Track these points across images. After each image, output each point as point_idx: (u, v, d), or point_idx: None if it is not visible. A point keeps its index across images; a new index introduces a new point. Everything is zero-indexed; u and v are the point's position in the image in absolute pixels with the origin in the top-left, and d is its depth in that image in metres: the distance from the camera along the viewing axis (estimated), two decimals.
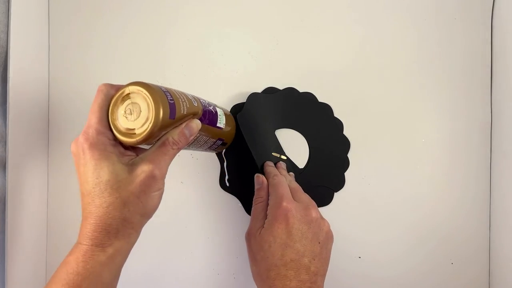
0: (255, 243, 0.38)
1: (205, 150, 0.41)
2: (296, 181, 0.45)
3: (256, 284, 0.38)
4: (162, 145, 0.32)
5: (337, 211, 0.47)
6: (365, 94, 0.48)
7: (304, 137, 0.48)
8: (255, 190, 0.42)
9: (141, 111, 0.30)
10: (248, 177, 0.45)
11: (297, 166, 0.47)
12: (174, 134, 0.32)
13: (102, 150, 0.30)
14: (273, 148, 0.46)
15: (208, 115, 0.37)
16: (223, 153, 0.47)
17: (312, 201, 0.40)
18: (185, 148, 0.37)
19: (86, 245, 0.30)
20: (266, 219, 0.38)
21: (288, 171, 0.46)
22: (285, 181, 0.41)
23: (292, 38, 0.48)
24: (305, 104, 0.47)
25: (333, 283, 0.46)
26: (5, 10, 0.41)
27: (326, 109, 0.48)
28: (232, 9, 0.49)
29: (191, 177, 0.48)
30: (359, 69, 0.48)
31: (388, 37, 0.48)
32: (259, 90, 0.48)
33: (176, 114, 0.31)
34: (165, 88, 0.31)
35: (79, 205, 0.47)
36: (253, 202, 0.41)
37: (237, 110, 0.46)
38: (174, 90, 0.33)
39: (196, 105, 0.34)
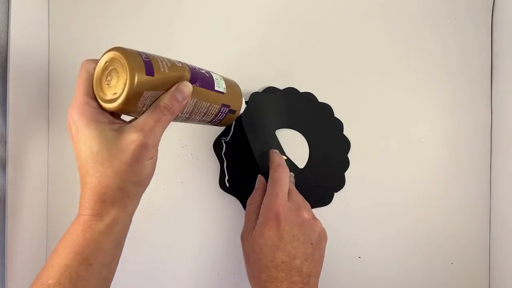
0: (247, 245, 0.38)
1: (215, 121, 0.39)
2: (296, 181, 0.45)
3: (251, 285, 0.38)
4: (153, 111, 0.31)
5: (337, 211, 0.47)
6: (365, 94, 0.48)
7: (304, 137, 0.48)
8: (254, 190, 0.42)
9: (118, 74, 0.29)
10: (248, 177, 0.45)
11: (297, 166, 0.47)
12: (165, 99, 0.31)
13: (90, 119, 0.30)
14: (274, 148, 0.46)
15: (200, 78, 0.35)
16: (223, 153, 0.47)
17: (306, 202, 0.40)
18: (192, 121, 0.36)
19: (85, 215, 0.30)
20: (257, 220, 0.38)
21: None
22: (286, 176, 0.40)
23: (292, 37, 0.48)
24: (305, 104, 0.47)
25: (333, 283, 0.46)
26: (5, 10, 0.41)
27: (326, 109, 0.48)
28: (231, 8, 0.49)
29: (191, 177, 0.48)
30: (359, 68, 0.48)
31: (388, 36, 0.48)
32: (259, 90, 0.48)
33: (154, 72, 0.30)
34: (143, 51, 0.31)
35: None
36: (247, 202, 0.41)
37: (254, 95, 0.46)
38: (156, 54, 0.32)
39: (180, 65, 0.33)
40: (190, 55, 0.48)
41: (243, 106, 0.40)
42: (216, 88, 0.36)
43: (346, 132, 0.47)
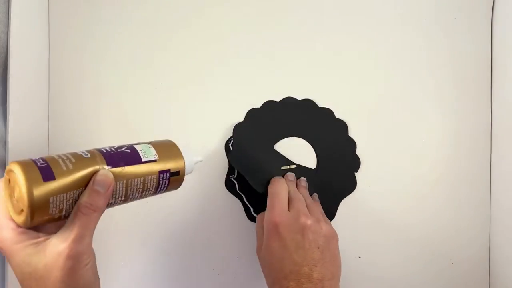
0: (260, 260, 0.39)
1: (160, 190, 0.36)
2: (311, 182, 0.45)
3: None
4: (75, 215, 0.28)
5: (337, 211, 0.47)
6: (364, 94, 0.48)
7: (309, 142, 0.47)
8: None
9: (19, 188, 0.27)
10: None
11: (309, 169, 0.47)
12: (84, 197, 0.29)
13: (12, 244, 0.28)
14: (280, 163, 0.46)
15: (119, 157, 0.32)
16: (237, 190, 0.47)
17: (305, 208, 0.39)
18: (133, 199, 0.34)
19: None
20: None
21: (299, 177, 0.46)
22: (283, 189, 0.41)
23: (289, 45, 0.48)
24: (305, 111, 0.47)
25: None
26: (5, 10, 0.41)
27: (327, 113, 0.48)
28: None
29: (191, 177, 0.48)
30: (358, 68, 0.48)
31: (388, 36, 0.48)
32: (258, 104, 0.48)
33: (55, 175, 0.28)
34: (40, 157, 0.29)
35: None
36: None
37: (237, 128, 0.46)
38: (58, 154, 0.30)
39: (89, 156, 0.31)
40: (188, 61, 0.48)
41: (191, 161, 0.37)
42: (144, 159, 0.33)
43: (355, 136, 0.47)
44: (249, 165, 0.45)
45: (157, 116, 0.48)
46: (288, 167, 0.46)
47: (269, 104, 0.47)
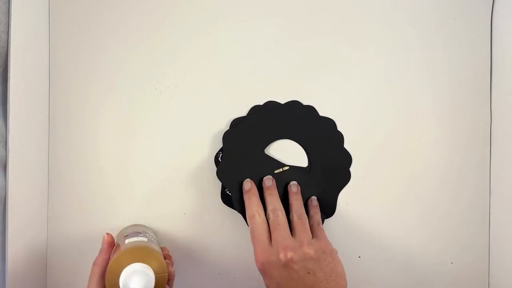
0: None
1: None
2: (305, 180, 0.45)
3: None
4: None
5: (337, 211, 0.47)
6: (363, 94, 0.48)
7: (298, 142, 0.47)
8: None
9: None
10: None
11: (302, 168, 0.47)
12: None
13: None
14: (273, 167, 0.46)
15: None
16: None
17: (285, 237, 0.39)
18: None
19: None
20: None
21: (293, 177, 0.46)
22: (258, 225, 0.40)
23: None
24: (289, 113, 0.47)
25: None
26: (6, 10, 0.41)
27: (328, 121, 0.48)
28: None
29: (192, 176, 0.48)
30: (358, 68, 0.48)
31: (388, 37, 0.48)
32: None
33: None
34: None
35: (79, 206, 0.47)
36: None
37: (225, 137, 0.46)
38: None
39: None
40: (189, 64, 0.48)
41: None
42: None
43: (344, 131, 0.47)
44: (237, 180, 0.45)
45: (157, 116, 0.48)
46: (281, 169, 0.46)
47: (255, 110, 0.47)
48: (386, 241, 0.47)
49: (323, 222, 0.45)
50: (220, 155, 0.47)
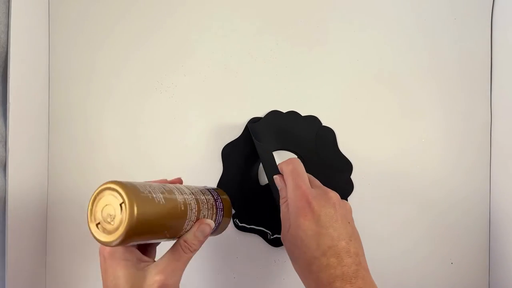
0: (288, 243, 0.37)
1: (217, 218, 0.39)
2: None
3: (303, 283, 0.36)
4: (175, 251, 0.33)
5: None
6: (364, 94, 0.48)
7: (295, 152, 0.47)
8: (279, 192, 0.41)
9: None
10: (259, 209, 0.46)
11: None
12: (189, 236, 0.34)
13: (119, 259, 0.32)
14: (273, 172, 0.46)
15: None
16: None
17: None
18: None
19: None
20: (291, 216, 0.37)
21: None
22: (300, 166, 0.39)
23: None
24: (291, 121, 0.47)
25: None
26: (6, 11, 0.41)
27: (312, 121, 0.47)
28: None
29: (192, 176, 0.48)
30: (358, 68, 0.48)
31: (388, 37, 0.48)
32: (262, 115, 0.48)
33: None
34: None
35: (78, 206, 0.48)
36: (279, 204, 0.40)
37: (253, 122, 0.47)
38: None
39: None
40: (189, 64, 0.48)
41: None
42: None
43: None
44: (264, 147, 0.44)
45: (157, 117, 0.48)
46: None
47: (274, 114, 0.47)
48: (385, 241, 0.47)
49: None
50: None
